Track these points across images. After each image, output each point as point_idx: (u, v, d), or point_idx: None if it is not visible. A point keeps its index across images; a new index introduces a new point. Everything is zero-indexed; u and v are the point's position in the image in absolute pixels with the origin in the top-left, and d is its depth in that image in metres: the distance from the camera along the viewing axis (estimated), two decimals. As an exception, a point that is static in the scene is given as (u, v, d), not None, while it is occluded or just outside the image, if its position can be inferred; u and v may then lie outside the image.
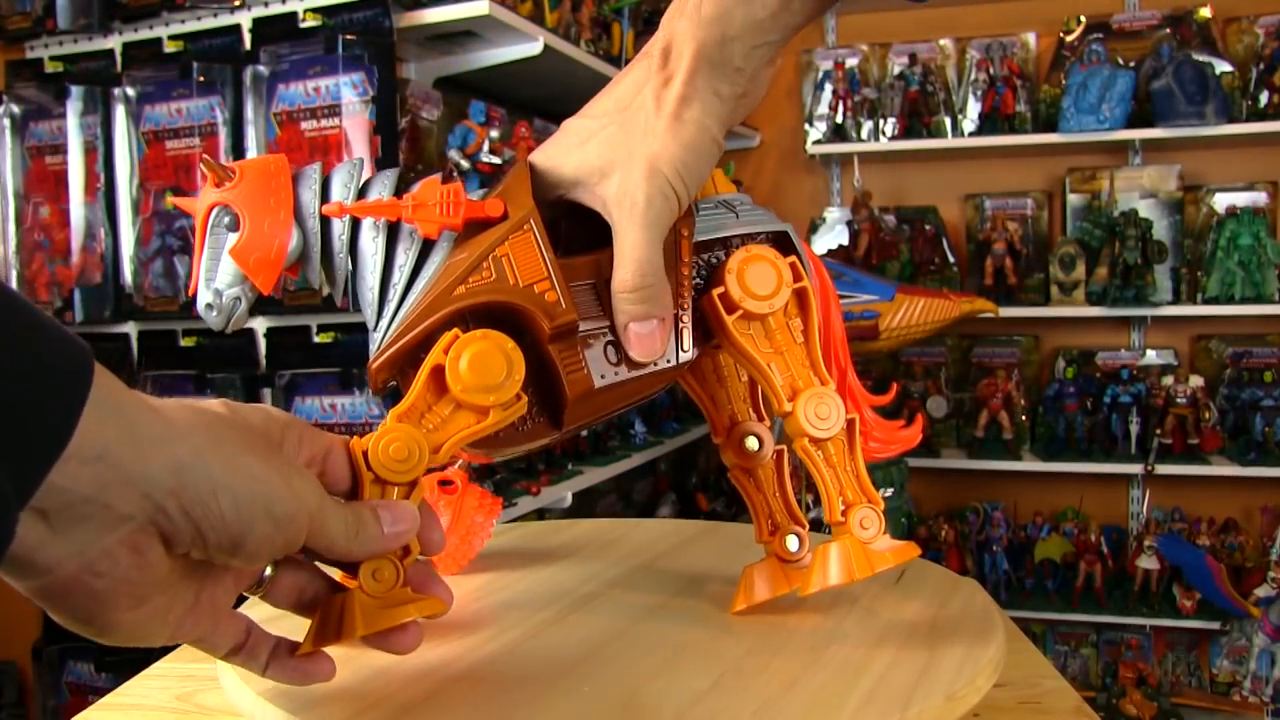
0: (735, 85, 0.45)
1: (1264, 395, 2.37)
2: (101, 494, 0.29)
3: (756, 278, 0.47)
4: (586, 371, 0.44)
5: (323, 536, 0.36)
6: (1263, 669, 2.19)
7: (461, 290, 0.43)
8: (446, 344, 0.42)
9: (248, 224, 0.45)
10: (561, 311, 0.44)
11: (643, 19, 2.32)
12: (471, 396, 0.42)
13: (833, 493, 0.47)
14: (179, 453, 0.31)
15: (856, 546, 0.46)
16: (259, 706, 0.43)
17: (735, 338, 0.47)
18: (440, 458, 0.42)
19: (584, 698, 0.43)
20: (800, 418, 0.47)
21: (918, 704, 0.41)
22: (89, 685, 1.85)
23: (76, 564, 0.30)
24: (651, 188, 0.44)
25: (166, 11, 1.69)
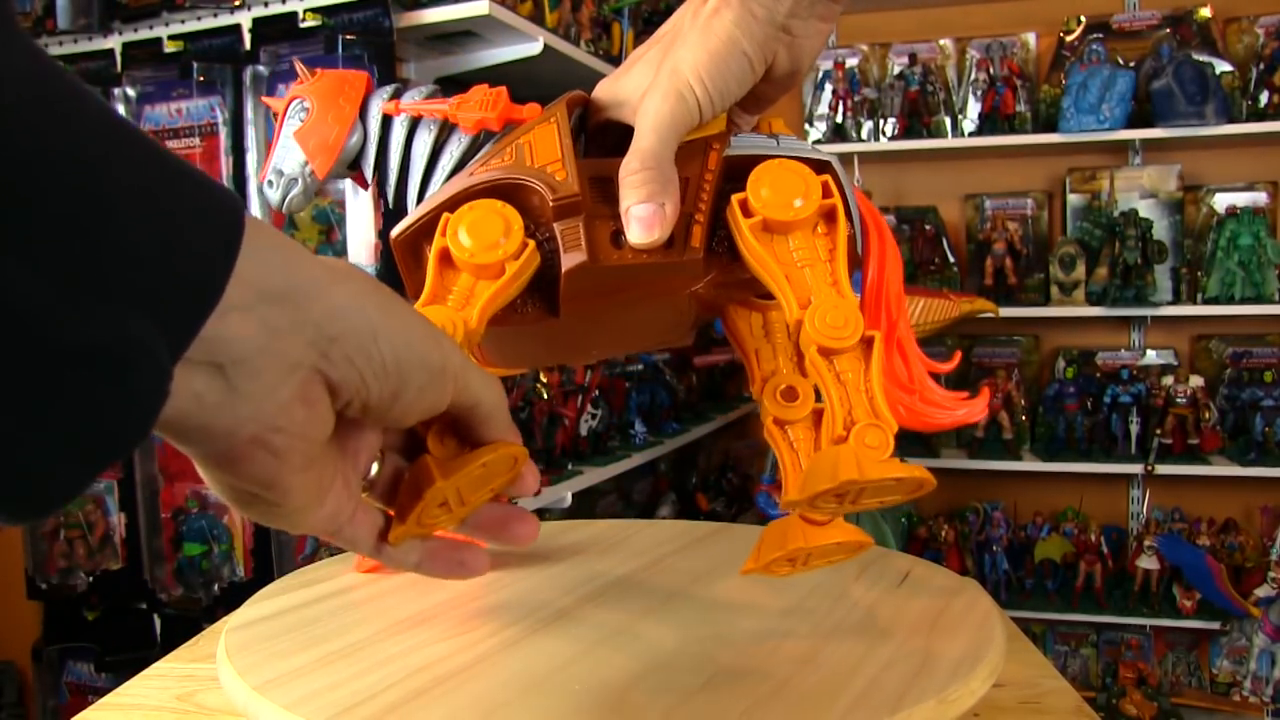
0: (771, 12, 0.45)
1: (1264, 395, 2.37)
2: (272, 341, 0.28)
3: (779, 185, 0.45)
4: (584, 248, 0.43)
5: (468, 394, 0.35)
6: (1263, 669, 2.19)
7: (478, 169, 0.44)
8: (442, 227, 0.43)
9: (315, 112, 0.51)
10: (565, 186, 0.43)
11: (643, 19, 2.32)
12: (480, 257, 0.41)
13: (839, 409, 0.42)
14: (337, 298, 0.29)
15: (853, 451, 0.40)
16: (254, 702, 0.43)
17: (751, 242, 0.44)
18: (475, 328, 0.41)
19: (573, 696, 0.43)
20: (810, 325, 0.43)
21: (909, 706, 0.41)
22: (89, 685, 1.85)
23: (258, 423, 0.29)
24: (669, 86, 0.44)
25: (166, 11, 1.69)
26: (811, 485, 0.40)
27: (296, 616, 0.54)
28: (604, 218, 0.44)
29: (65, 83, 0.23)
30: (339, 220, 1.53)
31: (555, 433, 1.87)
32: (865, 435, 0.41)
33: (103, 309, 0.22)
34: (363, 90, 0.52)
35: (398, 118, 0.51)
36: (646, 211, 0.43)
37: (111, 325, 0.22)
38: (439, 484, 0.35)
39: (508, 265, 0.42)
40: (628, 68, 0.48)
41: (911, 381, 0.48)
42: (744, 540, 0.70)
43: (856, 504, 0.42)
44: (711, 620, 0.53)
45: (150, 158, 0.25)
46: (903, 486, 0.41)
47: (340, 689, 0.44)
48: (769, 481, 2.26)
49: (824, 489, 0.39)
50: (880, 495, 0.41)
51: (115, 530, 1.81)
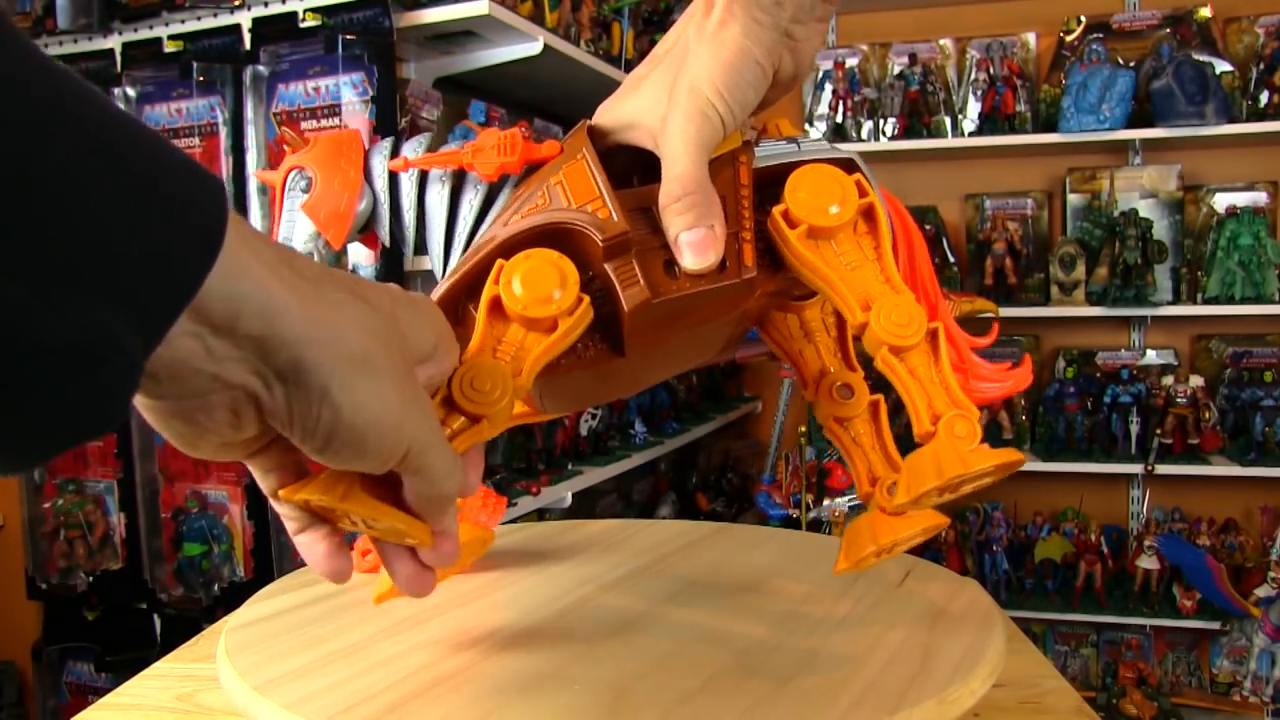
0: (775, 18, 0.45)
1: (1264, 395, 2.37)
2: (213, 366, 0.28)
3: (817, 190, 0.45)
4: (642, 284, 0.42)
5: (418, 470, 0.34)
6: (1263, 669, 2.19)
7: (516, 218, 0.43)
8: (495, 275, 0.41)
9: (320, 182, 0.49)
10: (613, 225, 0.42)
11: (643, 19, 2.32)
12: (533, 310, 0.40)
13: (920, 404, 0.43)
14: (305, 356, 0.30)
15: (950, 444, 0.41)
16: (254, 702, 0.43)
17: (800, 252, 0.44)
18: (523, 383, 0.40)
19: (573, 695, 0.43)
20: (876, 326, 0.43)
21: (909, 706, 0.41)
22: (89, 685, 1.85)
23: (172, 408, 0.30)
24: (690, 106, 0.44)
25: (166, 11, 1.69)
26: (919, 484, 0.41)
27: (296, 616, 0.54)
28: (653, 249, 0.43)
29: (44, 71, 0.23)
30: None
31: (555, 433, 1.88)
32: (954, 426, 0.42)
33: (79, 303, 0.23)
34: (361, 150, 0.51)
35: (405, 174, 0.50)
36: (697, 236, 0.42)
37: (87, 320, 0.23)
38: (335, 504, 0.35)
39: (561, 321, 0.41)
40: (630, 89, 0.48)
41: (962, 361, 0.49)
42: (744, 540, 0.70)
43: (955, 493, 0.43)
44: (711, 620, 0.53)
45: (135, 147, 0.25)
46: (999, 471, 0.42)
47: (340, 689, 0.44)
48: (769, 481, 2.26)
49: (932, 486, 0.40)
50: (978, 481, 0.42)
51: (115, 530, 1.81)
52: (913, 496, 0.41)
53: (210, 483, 1.72)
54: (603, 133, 0.47)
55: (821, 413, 0.52)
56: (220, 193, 0.27)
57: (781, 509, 2.16)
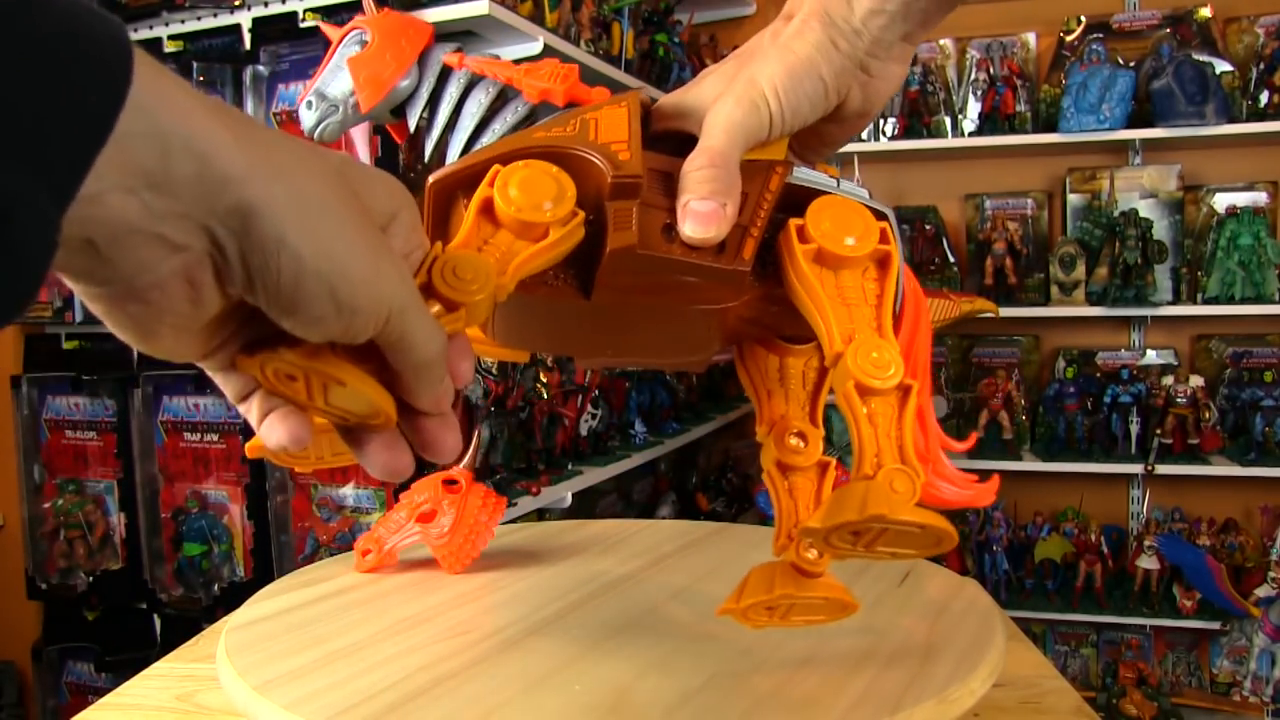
0: (853, 46, 0.45)
1: (1264, 395, 2.37)
2: (155, 224, 0.26)
3: (839, 219, 0.44)
4: (634, 230, 0.41)
5: (400, 338, 0.32)
6: (1263, 669, 2.19)
7: (540, 134, 0.42)
8: (490, 178, 0.40)
9: (375, 44, 0.49)
10: (628, 166, 0.41)
11: (643, 19, 2.32)
12: (527, 214, 0.39)
13: (868, 449, 0.40)
14: (250, 195, 0.27)
15: (883, 488, 0.39)
16: (254, 702, 0.43)
17: (802, 268, 0.43)
18: (505, 283, 0.38)
19: (574, 695, 0.43)
20: (850, 360, 0.41)
21: (909, 706, 0.41)
22: (89, 685, 1.85)
23: (125, 287, 0.27)
24: (743, 93, 0.44)
25: (166, 11, 1.69)
26: (836, 515, 0.38)
27: (296, 616, 0.54)
28: (659, 209, 0.42)
29: None
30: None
31: (555, 433, 1.87)
32: (894, 479, 0.39)
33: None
34: (427, 38, 0.51)
35: (458, 71, 0.50)
36: (707, 208, 0.41)
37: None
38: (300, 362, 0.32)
39: (552, 230, 0.40)
40: (697, 82, 0.47)
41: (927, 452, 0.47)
42: (744, 540, 0.70)
43: (871, 549, 0.40)
44: (711, 620, 0.53)
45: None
46: (924, 538, 0.39)
47: (340, 689, 0.44)
48: (769, 481, 2.26)
49: (849, 520, 0.37)
50: (898, 545, 0.40)
51: (115, 530, 1.81)
52: (826, 525, 0.38)
53: (210, 483, 1.72)
54: (660, 116, 0.47)
55: (768, 456, 0.49)
56: (120, 29, 0.25)
57: (781, 509, 2.16)
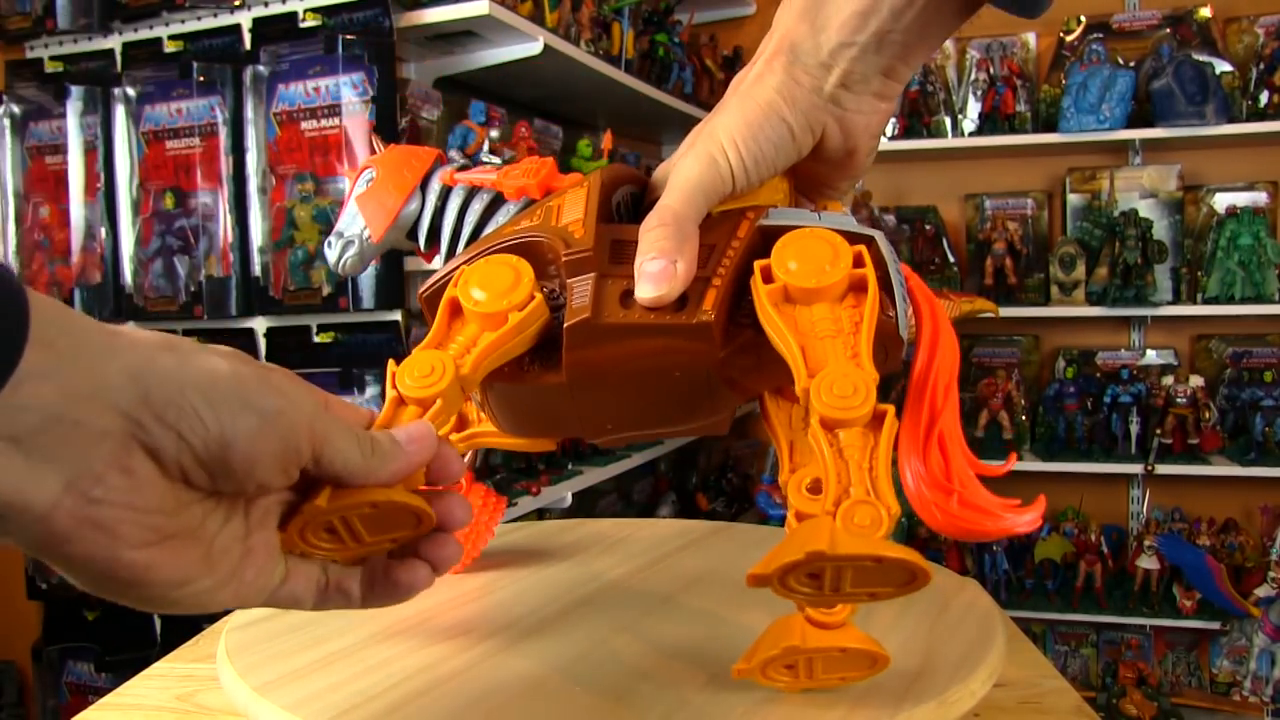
0: (819, 80, 0.44)
1: (1264, 395, 2.37)
2: (70, 409, 0.27)
3: (806, 254, 0.42)
4: (588, 303, 0.41)
5: (332, 451, 0.33)
6: (1263, 669, 2.19)
7: (509, 229, 0.46)
8: (455, 279, 0.43)
9: (378, 180, 0.55)
10: (578, 242, 0.43)
11: (643, 19, 2.32)
12: (485, 306, 0.41)
13: (833, 484, 0.37)
14: (131, 360, 0.29)
15: (843, 524, 0.36)
16: (255, 702, 0.43)
17: (766, 308, 0.41)
18: (468, 375, 0.40)
19: (573, 697, 0.43)
20: (815, 395, 0.38)
21: (909, 706, 0.41)
22: (89, 685, 1.85)
23: (72, 495, 0.27)
24: (701, 149, 0.44)
25: (166, 11, 1.69)
26: (777, 557, 0.35)
27: (297, 617, 0.54)
28: (619, 278, 0.42)
29: None
30: (339, 220, 1.53)
31: (555, 433, 1.87)
32: (854, 512, 0.36)
33: None
34: (429, 163, 0.56)
35: (455, 187, 0.55)
36: (657, 267, 0.41)
37: None
38: (317, 505, 0.34)
39: (511, 315, 0.41)
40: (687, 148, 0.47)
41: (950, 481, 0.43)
42: (744, 540, 0.70)
43: (839, 592, 0.36)
44: (712, 620, 0.53)
45: None
46: (890, 574, 0.35)
47: (341, 689, 0.44)
48: (769, 481, 2.26)
49: (787, 561, 0.34)
50: (868, 585, 0.36)
51: (115, 530, 1.81)
52: (769, 569, 0.35)
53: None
54: (653, 187, 0.48)
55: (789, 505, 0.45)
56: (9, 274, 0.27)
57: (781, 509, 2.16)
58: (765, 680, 0.41)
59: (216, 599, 0.32)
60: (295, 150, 1.56)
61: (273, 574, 0.34)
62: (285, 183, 1.58)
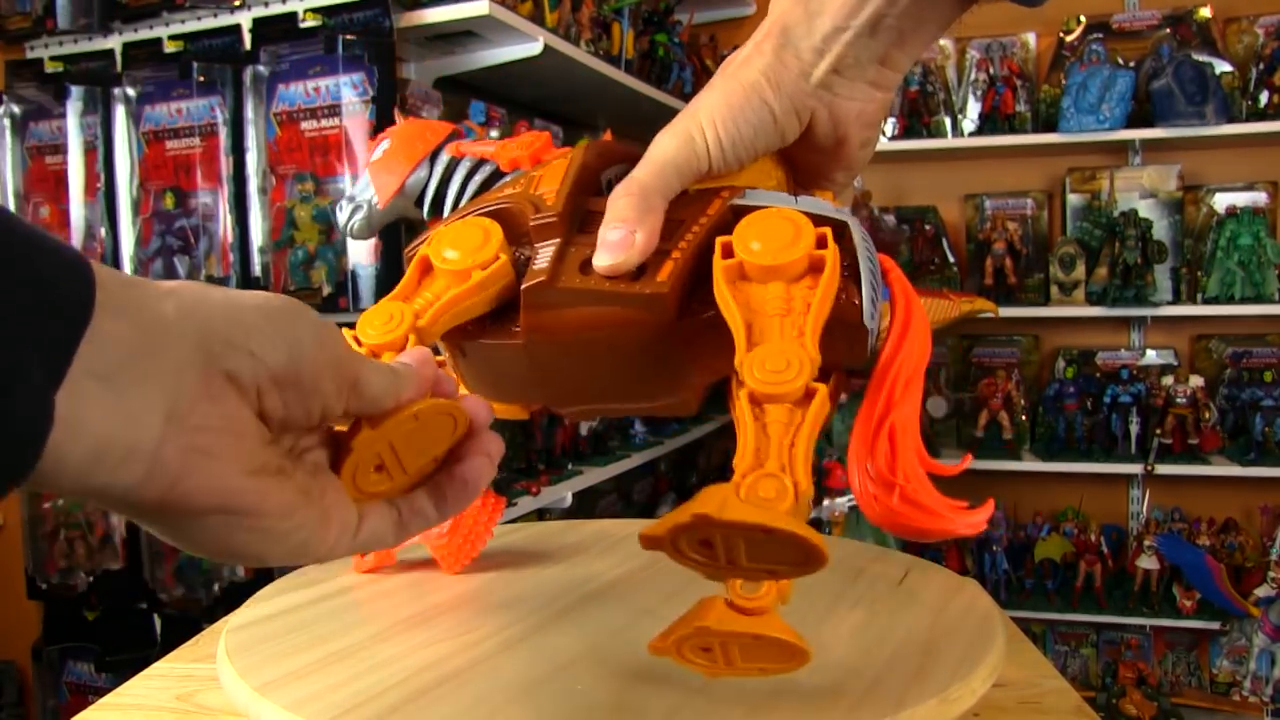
0: (808, 65, 0.44)
1: (1264, 395, 2.37)
2: (148, 342, 0.27)
3: (766, 232, 0.41)
4: (547, 266, 0.42)
5: (366, 377, 0.34)
6: (1263, 669, 2.19)
7: (491, 197, 0.47)
8: (427, 237, 0.45)
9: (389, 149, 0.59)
10: (548, 208, 0.44)
11: (643, 19, 2.32)
12: (451, 264, 0.43)
13: (747, 455, 0.35)
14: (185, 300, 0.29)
15: (731, 491, 0.34)
16: (255, 702, 0.43)
17: (720, 283, 0.40)
18: (426, 325, 0.42)
19: (574, 697, 0.43)
20: (745, 369, 0.37)
21: (910, 706, 0.41)
22: (89, 685, 1.85)
23: (174, 426, 0.28)
24: (679, 126, 0.44)
25: (166, 11, 1.69)
26: (669, 520, 0.34)
27: (297, 617, 0.54)
28: (584, 246, 0.43)
29: None
30: (339, 220, 1.53)
31: (555, 433, 1.88)
32: (759, 485, 0.34)
33: None
34: (442, 137, 0.59)
35: (462, 160, 0.58)
36: (616, 235, 0.41)
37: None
38: (365, 433, 0.34)
39: (474, 273, 0.43)
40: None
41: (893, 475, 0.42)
42: (744, 540, 0.70)
43: (735, 565, 0.35)
44: (712, 620, 0.53)
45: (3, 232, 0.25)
46: (784, 550, 0.33)
47: (341, 690, 0.44)
48: (769, 481, 2.26)
49: (676, 523, 0.33)
50: (764, 560, 0.34)
51: (115, 530, 1.81)
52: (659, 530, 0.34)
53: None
54: None
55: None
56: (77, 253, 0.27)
57: (781, 509, 2.16)
58: (682, 661, 0.39)
59: (324, 542, 0.32)
60: (295, 150, 1.56)
61: (351, 517, 0.34)
62: (285, 183, 1.58)
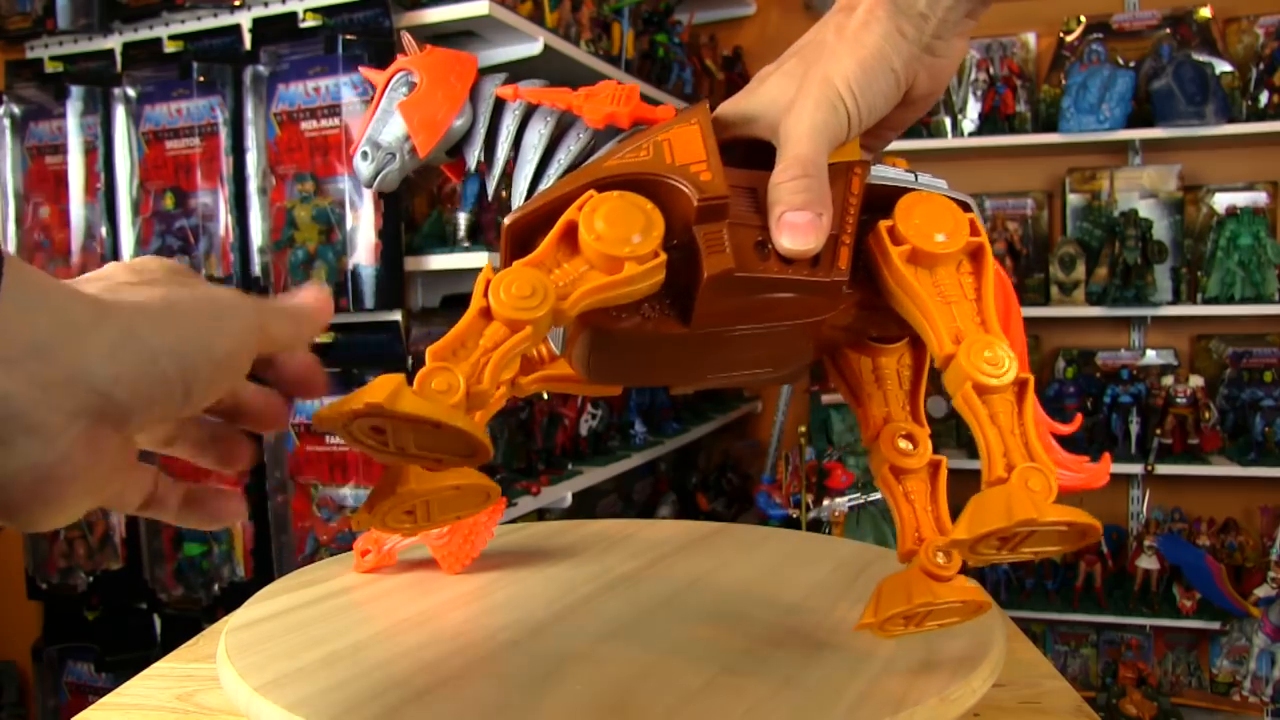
0: (919, 31, 0.44)
1: (1264, 395, 2.37)
2: (45, 398, 0.27)
3: (929, 216, 0.42)
4: (729, 252, 0.40)
5: (272, 343, 0.36)
6: (1263, 669, 2.19)
7: (613, 163, 0.41)
8: (581, 202, 0.40)
9: (424, 85, 0.48)
10: (712, 186, 0.40)
11: (642, 19, 2.32)
12: (606, 247, 0.38)
13: (995, 450, 0.39)
14: (111, 334, 0.29)
15: (1022, 490, 0.38)
16: (256, 702, 0.43)
17: (900, 270, 0.42)
18: (566, 310, 0.38)
19: (575, 696, 0.43)
20: (964, 360, 0.40)
21: (910, 705, 0.41)
22: (89, 685, 1.85)
23: (31, 477, 0.28)
24: (821, 95, 0.42)
25: (166, 11, 1.69)
26: (981, 524, 0.37)
27: (297, 617, 0.54)
28: (748, 227, 0.41)
29: None
30: (339, 220, 1.53)
31: (555, 433, 1.88)
32: (1029, 478, 0.38)
33: None
34: (474, 72, 0.50)
35: (512, 104, 0.48)
36: (803, 219, 0.40)
37: None
38: (410, 486, 0.35)
39: (628, 265, 0.38)
40: (758, 85, 0.46)
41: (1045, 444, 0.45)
42: (744, 540, 0.70)
43: (1015, 551, 0.39)
44: (712, 620, 0.53)
45: None
46: (1070, 535, 0.38)
47: (341, 690, 0.44)
48: (769, 481, 2.26)
49: (997, 528, 0.36)
50: (1044, 544, 0.39)
51: (115, 530, 1.81)
52: (974, 534, 0.37)
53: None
54: (722, 126, 0.45)
55: (877, 460, 0.48)
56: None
57: (781, 509, 2.16)
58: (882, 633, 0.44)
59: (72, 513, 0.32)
60: (295, 150, 1.55)
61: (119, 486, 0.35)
62: (285, 183, 1.58)
